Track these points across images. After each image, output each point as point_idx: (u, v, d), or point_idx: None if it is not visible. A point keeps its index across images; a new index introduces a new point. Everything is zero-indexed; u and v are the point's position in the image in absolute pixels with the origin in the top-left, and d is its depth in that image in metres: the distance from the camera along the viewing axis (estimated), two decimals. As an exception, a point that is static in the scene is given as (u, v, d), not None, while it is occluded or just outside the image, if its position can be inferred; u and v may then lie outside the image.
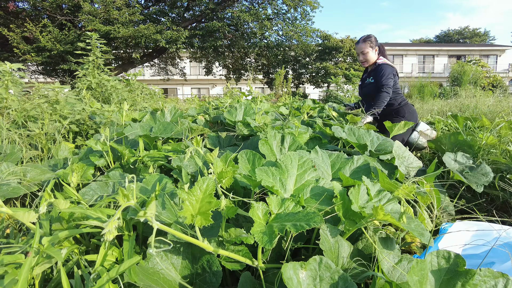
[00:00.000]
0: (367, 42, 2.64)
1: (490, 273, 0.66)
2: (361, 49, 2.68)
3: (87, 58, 3.64)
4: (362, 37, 2.70)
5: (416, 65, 27.73)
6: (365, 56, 2.67)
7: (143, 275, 0.78)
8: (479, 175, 1.41)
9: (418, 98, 8.50)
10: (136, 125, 1.96)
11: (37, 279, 0.83)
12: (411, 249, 1.14)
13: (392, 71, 2.57)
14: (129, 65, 13.21)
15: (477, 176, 1.41)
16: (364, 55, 2.68)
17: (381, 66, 2.57)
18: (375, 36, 2.69)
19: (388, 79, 2.50)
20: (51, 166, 1.64)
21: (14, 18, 10.99)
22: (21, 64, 2.63)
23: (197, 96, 13.75)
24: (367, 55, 2.66)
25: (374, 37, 2.67)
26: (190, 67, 25.98)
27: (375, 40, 2.67)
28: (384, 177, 1.09)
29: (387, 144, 1.65)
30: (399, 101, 2.59)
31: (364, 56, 2.67)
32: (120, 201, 0.64)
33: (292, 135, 1.59)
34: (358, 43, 2.71)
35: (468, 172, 1.44)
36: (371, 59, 2.66)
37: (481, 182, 1.36)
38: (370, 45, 2.64)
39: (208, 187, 0.82)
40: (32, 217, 0.85)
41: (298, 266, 0.69)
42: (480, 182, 1.36)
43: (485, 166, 1.44)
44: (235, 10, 12.88)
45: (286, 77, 13.42)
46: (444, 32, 42.21)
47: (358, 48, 2.71)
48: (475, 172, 1.44)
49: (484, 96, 4.73)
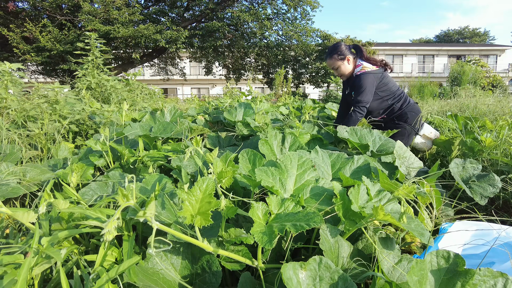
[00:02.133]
0: (333, 57, 2.27)
1: (489, 273, 0.66)
2: (331, 65, 2.32)
3: (87, 58, 3.64)
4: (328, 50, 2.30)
5: (416, 65, 27.74)
6: (338, 71, 2.32)
7: (143, 275, 0.78)
8: (486, 184, 1.34)
9: (418, 98, 8.51)
10: (136, 125, 1.96)
11: (37, 279, 0.83)
12: (411, 249, 1.14)
13: (373, 79, 2.19)
14: (129, 65, 13.20)
15: (484, 186, 1.34)
16: (336, 71, 2.32)
17: (358, 78, 2.19)
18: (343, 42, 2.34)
19: (365, 93, 2.14)
20: (51, 166, 1.64)
21: (13, 18, 10.98)
22: (20, 64, 2.63)
23: (197, 96, 13.74)
24: (339, 70, 2.29)
25: (342, 46, 2.28)
26: (190, 67, 25.98)
27: (345, 47, 2.27)
28: (384, 177, 1.09)
29: (389, 145, 1.65)
30: (400, 104, 2.25)
31: (337, 71, 2.32)
32: (119, 201, 0.64)
33: (293, 135, 1.59)
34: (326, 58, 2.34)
35: (474, 181, 1.37)
36: (346, 71, 2.29)
37: (487, 194, 1.29)
38: (339, 58, 2.26)
39: (208, 187, 0.82)
40: (31, 217, 0.85)
41: (298, 266, 0.69)
42: (486, 194, 1.30)
43: (493, 176, 1.35)
44: (235, 10, 12.88)
45: (286, 77, 13.40)
46: (444, 32, 42.23)
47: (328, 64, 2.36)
48: (482, 181, 1.36)
49: (484, 96, 4.73)
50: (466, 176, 1.43)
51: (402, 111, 2.23)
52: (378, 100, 2.23)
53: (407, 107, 2.24)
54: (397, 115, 2.24)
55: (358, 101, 2.15)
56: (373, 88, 2.18)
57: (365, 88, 2.14)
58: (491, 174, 1.37)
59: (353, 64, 2.28)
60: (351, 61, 2.27)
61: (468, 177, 1.42)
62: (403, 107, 2.24)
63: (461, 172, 1.45)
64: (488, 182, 1.35)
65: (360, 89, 2.15)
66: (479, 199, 1.29)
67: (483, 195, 1.30)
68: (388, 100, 2.24)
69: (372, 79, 2.17)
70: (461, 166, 1.47)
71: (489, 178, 1.36)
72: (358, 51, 2.30)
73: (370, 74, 2.18)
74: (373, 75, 2.19)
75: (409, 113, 2.21)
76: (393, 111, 2.25)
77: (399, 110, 2.24)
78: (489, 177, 1.37)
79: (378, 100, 2.23)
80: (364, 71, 2.19)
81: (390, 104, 2.24)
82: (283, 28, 13.98)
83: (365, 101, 2.15)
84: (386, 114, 2.26)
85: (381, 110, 2.27)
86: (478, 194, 1.31)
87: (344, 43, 2.29)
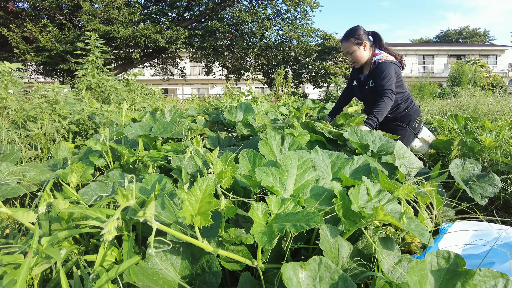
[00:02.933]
0: (350, 40, 2.13)
1: (490, 273, 0.66)
2: (346, 49, 2.17)
3: (87, 58, 3.64)
4: (346, 33, 2.15)
5: (416, 65, 27.75)
6: (352, 56, 2.18)
7: (143, 276, 0.78)
8: (486, 184, 1.34)
9: (418, 98, 8.51)
10: (136, 125, 1.95)
11: (36, 280, 0.83)
12: (411, 249, 1.14)
13: (394, 68, 2.08)
14: (129, 65, 13.21)
15: (484, 186, 1.34)
16: (351, 56, 2.18)
17: (380, 66, 2.06)
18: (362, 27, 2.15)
19: (391, 81, 2.02)
20: (51, 166, 1.64)
21: (13, 18, 10.98)
22: (20, 64, 2.63)
23: (197, 96, 13.74)
24: (354, 55, 2.15)
25: (361, 30, 2.13)
26: (190, 67, 25.98)
27: (364, 32, 2.13)
28: (384, 177, 1.09)
29: (389, 145, 1.65)
30: (406, 105, 2.16)
31: (351, 56, 2.18)
32: (119, 201, 0.64)
33: (292, 136, 1.59)
34: (342, 41, 2.19)
35: (474, 181, 1.37)
36: (361, 58, 2.15)
37: (487, 194, 1.29)
38: (356, 42, 2.11)
39: (208, 187, 0.81)
40: (31, 217, 0.85)
41: (297, 266, 0.69)
42: (486, 194, 1.29)
43: (493, 176, 1.35)
44: (235, 10, 12.88)
45: (286, 77, 13.40)
46: (444, 32, 42.26)
47: (343, 48, 2.21)
48: (482, 182, 1.36)
49: (483, 96, 4.73)
50: (466, 176, 1.43)
51: (407, 112, 2.18)
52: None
53: (411, 109, 2.19)
54: (401, 116, 2.18)
55: (387, 87, 2.01)
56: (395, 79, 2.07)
57: (390, 76, 2.02)
58: (491, 174, 1.37)
59: (369, 52, 2.16)
60: (368, 48, 2.15)
61: (468, 177, 1.42)
62: (408, 108, 2.18)
63: (461, 172, 1.45)
64: (488, 182, 1.34)
65: (385, 77, 2.03)
66: (480, 199, 1.29)
67: (483, 195, 1.30)
68: (398, 99, 2.16)
69: (394, 69, 2.07)
70: (461, 166, 1.47)
71: (489, 178, 1.36)
72: (377, 39, 2.18)
73: (393, 64, 2.08)
74: (395, 66, 2.09)
75: (412, 116, 2.17)
76: (398, 111, 2.18)
77: (403, 111, 2.18)
78: (489, 177, 1.36)
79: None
80: (386, 59, 2.09)
81: (398, 103, 2.17)
82: (283, 28, 13.99)
83: (393, 89, 2.02)
84: (391, 113, 2.18)
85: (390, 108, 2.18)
86: (478, 194, 1.31)
87: (363, 28, 2.15)
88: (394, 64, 2.11)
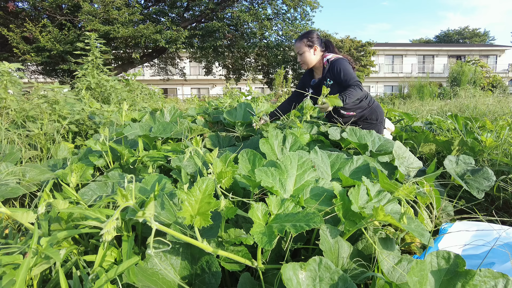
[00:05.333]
0: (302, 41, 2.18)
1: (490, 274, 0.66)
2: (297, 49, 2.23)
3: (86, 58, 3.64)
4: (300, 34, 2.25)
5: (416, 65, 27.76)
6: (301, 57, 2.23)
7: (142, 276, 0.78)
8: (481, 179, 1.36)
9: (417, 98, 8.51)
10: (136, 125, 1.95)
11: (36, 280, 0.83)
12: (411, 249, 1.14)
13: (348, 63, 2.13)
14: (129, 65, 13.20)
15: (479, 180, 1.36)
16: (300, 56, 2.23)
17: (335, 63, 2.10)
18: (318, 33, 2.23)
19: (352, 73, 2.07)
20: (50, 166, 1.63)
21: (13, 18, 10.97)
22: (20, 64, 2.63)
23: (197, 96, 13.73)
24: (304, 56, 2.20)
25: (314, 34, 2.20)
26: (190, 67, 25.98)
27: (317, 37, 2.20)
28: (384, 177, 1.09)
29: (388, 145, 1.65)
30: (368, 101, 2.22)
31: (301, 57, 2.23)
32: (119, 201, 0.64)
33: (294, 135, 1.58)
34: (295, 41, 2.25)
35: (469, 176, 1.40)
36: (309, 60, 2.21)
37: (483, 187, 1.31)
38: (307, 44, 2.17)
39: (208, 188, 0.81)
40: (30, 217, 0.84)
41: (297, 266, 0.69)
42: (482, 187, 1.31)
43: (487, 170, 1.38)
44: (234, 10, 12.87)
45: (286, 77, 13.40)
46: (444, 32, 42.27)
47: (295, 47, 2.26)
48: (477, 176, 1.39)
49: (483, 96, 4.73)
50: (461, 171, 1.46)
51: (371, 108, 2.22)
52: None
53: (374, 104, 2.25)
54: (369, 113, 2.22)
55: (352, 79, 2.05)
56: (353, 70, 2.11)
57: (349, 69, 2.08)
58: (485, 168, 1.40)
59: (319, 56, 2.22)
60: (317, 52, 2.21)
61: (463, 173, 1.46)
62: (370, 103, 2.23)
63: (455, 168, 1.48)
64: (483, 176, 1.38)
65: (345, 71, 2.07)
66: (476, 193, 1.31)
67: (480, 188, 1.33)
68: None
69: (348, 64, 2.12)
70: (455, 162, 1.50)
71: (483, 172, 1.39)
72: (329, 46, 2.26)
73: (346, 60, 2.14)
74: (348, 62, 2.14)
75: (377, 110, 2.23)
76: (363, 108, 2.21)
77: (368, 106, 2.22)
78: (483, 171, 1.40)
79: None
80: (337, 56, 2.15)
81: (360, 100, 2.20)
82: (283, 28, 13.98)
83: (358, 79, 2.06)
84: (357, 111, 2.22)
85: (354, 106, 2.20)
86: (474, 188, 1.33)
87: (317, 33, 2.23)
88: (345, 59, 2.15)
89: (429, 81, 10.60)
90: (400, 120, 3.02)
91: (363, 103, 2.21)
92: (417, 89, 9.93)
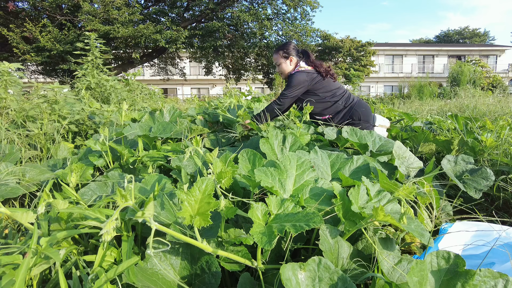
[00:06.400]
0: (278, 53, 2.30)
1: (490, 274, 0.66)
2: (274, 60, 2.35)
3: (86, 58, 3.63)
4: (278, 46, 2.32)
5: (416, 65, 27.75)
6: (279, 69, 2.35)
7: (142, 276, 0.78)
8: (479, 178, 1.35)
9: (417, 98, 8.51)
10: (135, 125, 1.95)
11: (35, 280, 0.82)
12: (411, 249, 1.14)
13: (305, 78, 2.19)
14: (129, 65, 13.20)
15: (477, 180, 1.34)
16: (278, 67, 2.35)
17: (291, 76, 2.23)
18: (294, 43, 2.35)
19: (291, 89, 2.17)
20: (50, 166, 1.63)
21: (13, 18, 10.97)
22: (20, 64, 2.63)
23: (197, 96, 13.73)
24: (280, 67, 2.32)
25: (291, 46, 2.30)
26: (190, 67, 25.96)
27: (293, 48, 2.30)
28: (384, 177, 1.09)
29: (388, 145, 1.65)
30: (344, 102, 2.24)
31: (278, 68, 2.35)
32: (118, 201, 0.64)
33: (293, 135, 1.58)
34: (273, 53, 2.38)
35: (468, 176, 1.38)
36: (285, 71, 2.32)
37: (481, 187, 1.29)
38: (283, 55, 2.28)
39: (207, 188, 0.81)
40: (30, 217, 0.84)
41: (297, 267, 0.69)
42: (480, 187, 1.30)
43: (486, 169, 1.36)
44: (234, 10, 12.87)
45: (286, 77, 13.36)
46: (444, 32, 42.26)
47: (273, 59, 2.39)
48: (475, 176, 1.37)
49: (483, 96, 4.73)
50: (459, 171, 1.44)
51: (350, 107, 2.22)
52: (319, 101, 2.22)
53: (352, 103, 2.24)
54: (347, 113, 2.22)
55: (282, 94, 2.20)
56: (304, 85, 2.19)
57: (294, 84, 2.17)
58: (483, 168, 1.38)
59: (294, 65, 2.30)
60: (293, 63, 2.30)
61: (461, 173, 1.43)
62: (347, 104, 2.23)
63: (453, 167, 1.46)
64: (481, 176, 1.35)
65: (289, 85, 2.20)
66: (474, 193, 1.29)
67: (477, 188, 1.31)
68: (329, 99, 2.23)
69: (303, 77, 2.18)
70: (453, 162, 1.47)
71: (482, 172, 1.37)
72: (305, 56, 2.32)
73: (303, 73, 2.20)
74: (306, 73, 2.20)
75: (359, 110, 2.20)
76: (338, 109, 2.23)
77: (344, 107, 2.23)
78: (482, 170, 1.37)
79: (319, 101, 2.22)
80: (299, 70, 2.24)
81: (333, 102, 2.23)
82: (283, 28, 13.97)
83: (288, 95, 2.18)
84: (332, 113, 2.24)
85: (325, 109, 2.24)
86: (472, 188, 1.31)
87: (294, 44, 2.32)
88: (305, 72, 2.22)
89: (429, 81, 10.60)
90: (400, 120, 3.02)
91: (337, 104, 2.24)
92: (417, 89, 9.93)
